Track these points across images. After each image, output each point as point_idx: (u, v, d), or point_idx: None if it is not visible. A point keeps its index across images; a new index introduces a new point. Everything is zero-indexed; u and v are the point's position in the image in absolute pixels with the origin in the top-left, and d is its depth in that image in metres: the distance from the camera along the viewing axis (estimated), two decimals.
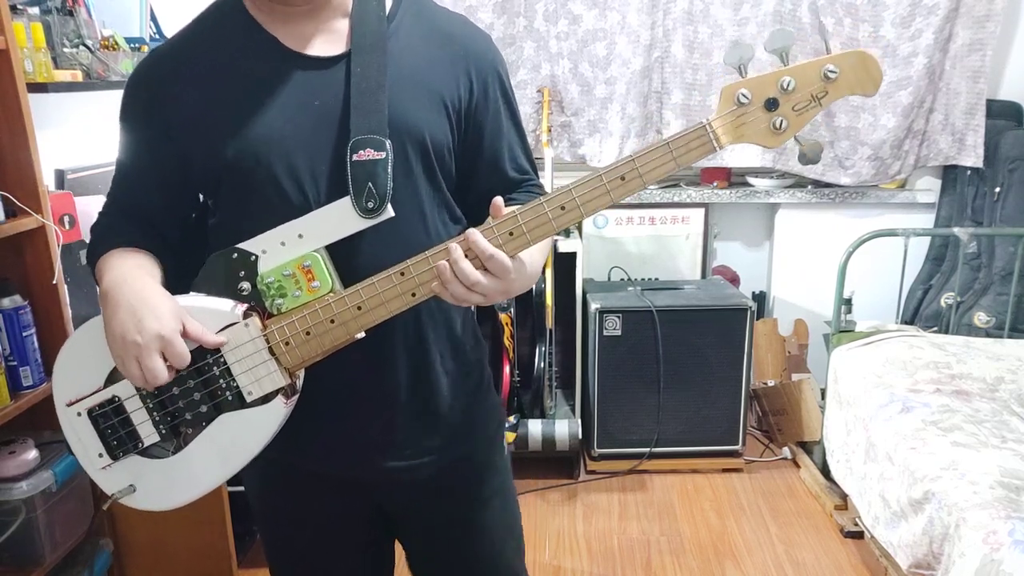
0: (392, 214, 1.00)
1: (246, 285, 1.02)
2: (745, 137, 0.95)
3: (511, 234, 0.96)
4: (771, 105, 0.94)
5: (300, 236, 1.01)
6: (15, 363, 1.71)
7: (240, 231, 1.03)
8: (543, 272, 2.70)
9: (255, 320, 1.01)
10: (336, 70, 1.03)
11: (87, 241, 1.14)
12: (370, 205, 0.99)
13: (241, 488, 1.22)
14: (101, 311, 1.03)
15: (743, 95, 0.94)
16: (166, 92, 1.04)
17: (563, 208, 0.96)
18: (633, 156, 0.95)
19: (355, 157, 0.99)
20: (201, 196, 1.15)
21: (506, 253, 0.96)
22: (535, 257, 1.07)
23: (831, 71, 0.92)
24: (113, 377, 1.05)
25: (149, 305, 0.98)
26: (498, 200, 0.97)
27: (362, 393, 1.10)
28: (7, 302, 1.69)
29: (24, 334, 1.71)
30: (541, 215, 0.96)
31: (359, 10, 1.05)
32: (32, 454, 1.74)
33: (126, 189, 1.12)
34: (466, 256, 0.95)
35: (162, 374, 0.97)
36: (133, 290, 0.99)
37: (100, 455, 1.07)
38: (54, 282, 1.76)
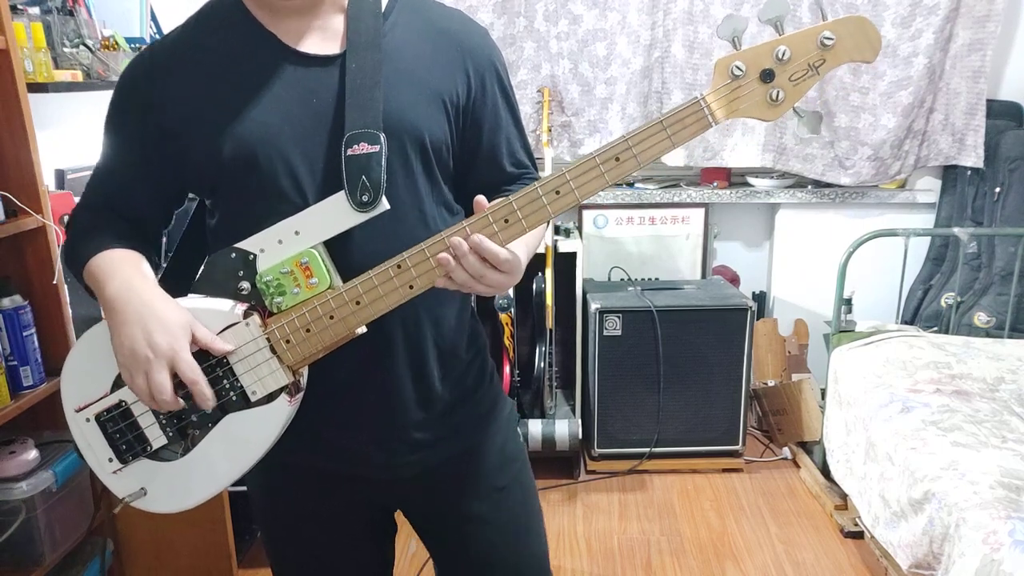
0: (387, 207, 1.00)
1: (245, 284, 1.02)
2: (741, 111, 0.93)
3: (507, 221, 0.95)
4: (767, 76, 0.91)
5: (297, 233, 1.00)
6: (15, 363, 1.71)
7: (240, 229, 1.02)
8: (543, 272, 2.71)
9: (255, 319, 1.01)
10: (333, 68, 1.03)
11: None
12: (364, 198, 0.98)
13: (242, 488, 1.21)
14: (105, 319, 1.02)
15: (737, 67, 0.91)
16: (160, 90, 1.04)
17: (558, 192, 0.95)
18: (627, 135, 0.93)
19: (349, 152, 0.99)
20: (196, 196, 1.15)
21: (502, 240, 0.95)
22: (532, 241, 1.07)
23: (827, 38, 0.90)
24: (119, 382, 1.06)
25: (159, 317, 0.98)
26: (480, 198, 0.97)
27: (364, 390, 1.10)
28: (7, 302, 1.69)
29: (24, 334, 1.71)
30: (536, 200, 0.95)
31: (355, 7, 1.05)
32: (32, 454, 1.74)
33: (112, 184, 1.10)
34: (472, 252, 0.95)
35: (167, 389, 0.97)
36: (142, 300, 0.99)
37: (110, 459, 1.07)
38: (54, 282, 1.77)
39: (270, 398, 1.03)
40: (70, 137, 2.08)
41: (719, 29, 0.93)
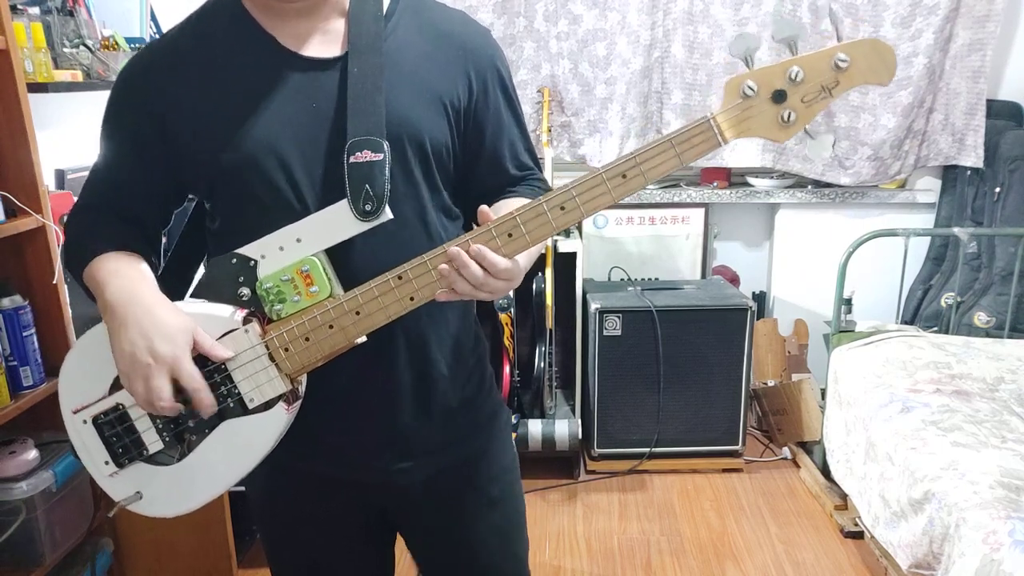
0: (390, 216, 0.99)
1: (246, 291, 1.02)
2: (751, 131, 0.92)
3: (510, 235, 0.95)
4: (779, 97, 0.90)
5: (298, 240, 1.00)
6: (15, 363, 1.71)
7: (239, 234, 1.02)
8: (543, 272, 2.71)
9: (255, 326, 1.01)
10: (333, 71, 1.02)
11: None
12: (368, 208, 0.98)
13: (241, 489, 1.21)
14: (105, 323, 1.01)
15: (748, 87, 0.90)
16: (160, 89, 1.03)
17: (563, 208, 0.94)
18: (635, 153, 0.92)
19: (352, 159, 0.98)
20: (196, 199, 1.14)
21: (506, 253, 0.95)
22: (533, 247, 1.07)
23: (842, 60, 0.89)
24: (118, 384, 1.05)
25: (160, 323, 0.97)
26: (484, 209, 0.96)
27: (364, 395, 1.09)
28: (7, 302, 1.69)
29: (24, 334, 1.71)
30: (541, 215, 0.95)
31: (356, 9, 1.04)
32: (32, 454, 1.74)
33: (111, 184, 1.09)
34: (473, 262, 0.94)
35: (167, 396, 0.96)
36: (143, 305, 0.98)
37: (106, 462, 1.07)
38: (54, 282, 1.76)
39: (268, 405, 1.02)
40: (70, 137, 2.08)
41: (731, 47, 0.91)
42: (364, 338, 1.02)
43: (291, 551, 1.25)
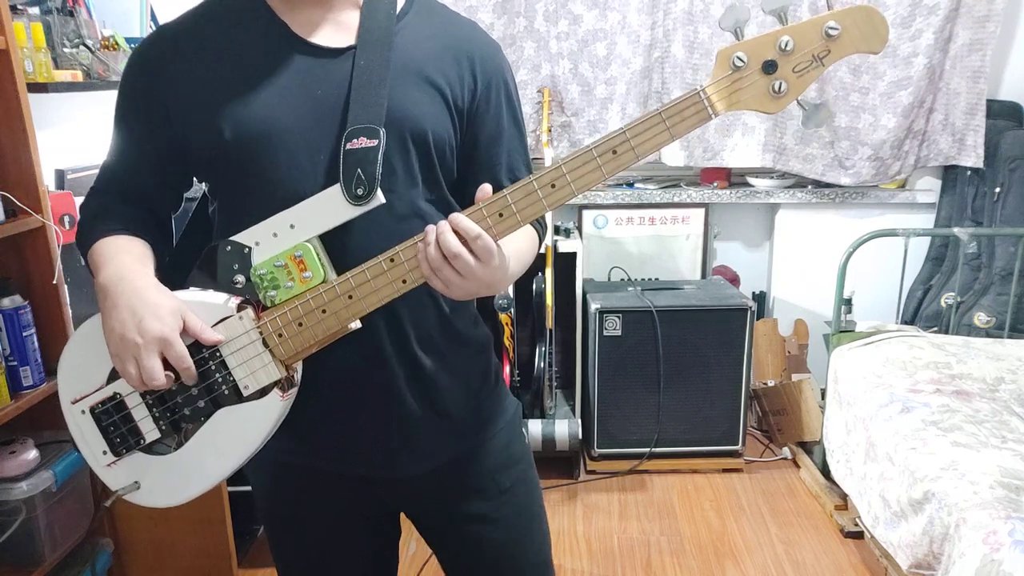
0: (382, 200, 0.99)
1: (240, 278, 1.02)
2: (742, 103, 0.90)
3: (501, 215, 0.94)
4: (769, 68, 0.89)
5: (292, 226, 1.00)
6: (15, 363, 1.71)
7: (239, 217, 1.02)
8: (543, 272, 2.71)
9: (249, 313, 1.01)
10: (341, 61, 1.03)
11: None
12: (359, 192, 0.98)
13: (242, 488, 1.22)
14: (99, 304, 1.02)
15: (739, 58, 0.89)
16: (168, 70, 1.04)
17: (553, 186, 0.93)
18: (625, 128, 0.91)
19: (348, 146, 0.99)
20: (197, 180, 1.14)
21: (497, 234, 0.95)
22: (522, 253, 1.06)
23: (833, 28, 0.87)
24: (115, 374, 1.06)
25: (149, 304, 0.97)
26: (486, 186, 0.96)
27: (364, 388, 1.09)
28: (7, 302, 1.69)
29: (24, 334, 1.71)
30: (531, 194, 0.94)
31: (369, 4, 1.05)
32: (32, 454, 1.74)
33: (121, 168, 1.11)
34: (450, 230, 0.93)
35: (159, 375, 0.97)
36: (133, 288, 0.99)
37: (104, 452, 1.07)
38: (54, 282, 1.76)
39: (263, 393, 1.02)
40: (70, 137, 2.08)
41: (721, 20, 0.90)
42: (358, 323, 1.02)
43: (295, 548, 1.24)
